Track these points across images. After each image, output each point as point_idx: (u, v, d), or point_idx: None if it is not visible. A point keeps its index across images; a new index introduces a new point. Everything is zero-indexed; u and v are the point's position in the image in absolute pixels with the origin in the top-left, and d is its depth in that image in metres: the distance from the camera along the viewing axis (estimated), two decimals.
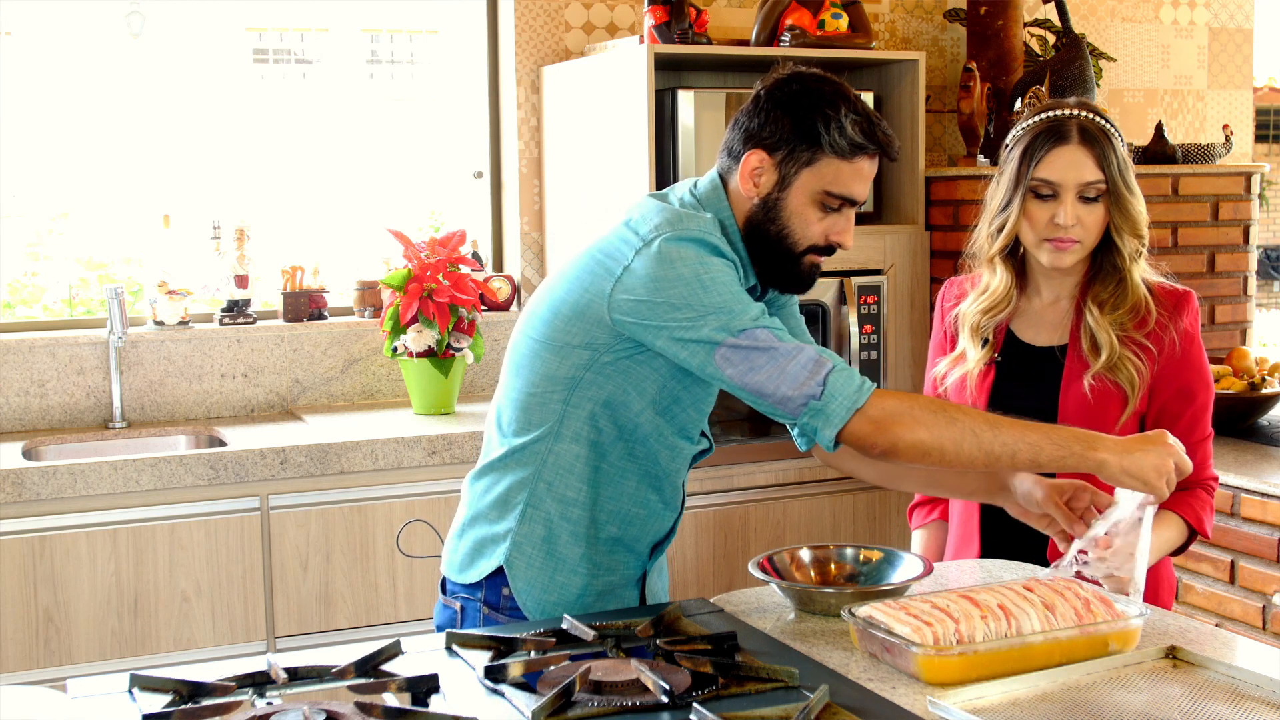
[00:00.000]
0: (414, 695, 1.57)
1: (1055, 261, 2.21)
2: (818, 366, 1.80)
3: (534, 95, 4.05)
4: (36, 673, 3.04)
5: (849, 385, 1.80)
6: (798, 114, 1.87)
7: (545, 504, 2.00)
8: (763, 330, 1.81)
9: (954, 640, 1.66)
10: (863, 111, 1.88)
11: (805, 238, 1.92)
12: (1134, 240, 2.21)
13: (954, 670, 1.64)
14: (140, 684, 1.60)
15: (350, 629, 3.31)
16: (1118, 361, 2.19)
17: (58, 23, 10.82)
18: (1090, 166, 2.17)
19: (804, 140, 1.87)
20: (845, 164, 1.87)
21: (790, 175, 1.89)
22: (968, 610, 1.70)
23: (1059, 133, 2.19)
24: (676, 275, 1.83)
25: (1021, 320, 2.31)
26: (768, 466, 3.63)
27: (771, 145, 1.89)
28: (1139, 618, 1.77)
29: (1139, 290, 2.22)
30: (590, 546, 2.01)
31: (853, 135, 1.86)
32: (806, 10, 3.78)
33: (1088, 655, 1.72)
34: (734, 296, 1.83)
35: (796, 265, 1.95)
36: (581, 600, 2.02)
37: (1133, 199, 2.20)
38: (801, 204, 1.90)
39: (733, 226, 1.94)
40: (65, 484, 3.06)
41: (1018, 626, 1.70)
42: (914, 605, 1.74)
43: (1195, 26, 4.89)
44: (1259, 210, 4.14)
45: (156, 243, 7.54)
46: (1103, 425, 2.18)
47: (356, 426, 3.52)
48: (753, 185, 1.91)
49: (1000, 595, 1.76)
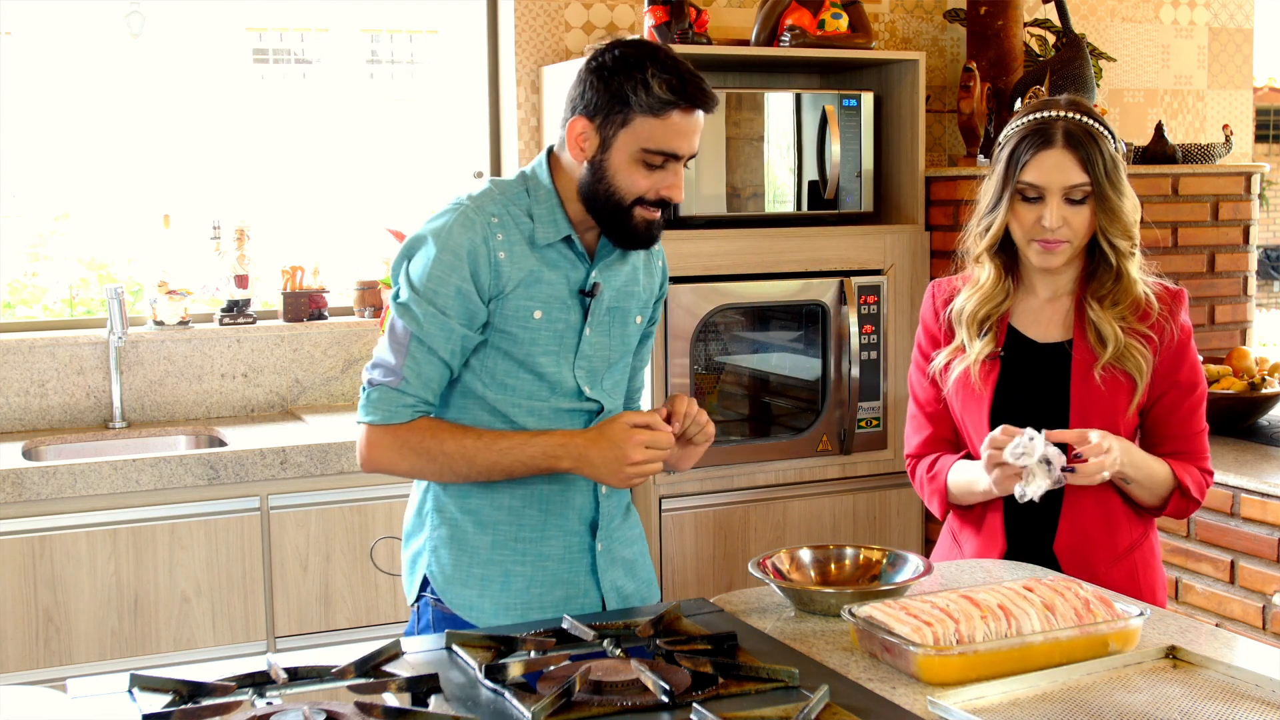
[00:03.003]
0: (414, 695, 1.57)
1: (1044, 262, 2.24)
2: (386, 372, 2.02)
3: (534, 95, 4.05)
4: (36, 673, 3.04)
5: (381, 403, 2.02)
6: (609, 79, 1.96)
7: (442, 499, 2.10)
8: (402, 325, 2.00)
9: (954, 640, 1.66)
10: (673, 70, 1.95)
11: (632, 193, 1.99)
12: (1124, 241, 2.23)
13: (954, 670, 1.64)
14: (140, 684, 1.60)
15: (350, 629, 3.31)
16: (1124, 351, 2.22)
17: (58, 23, 10.81)
18: (1075, 169, 2.19)
19: (615, 102, 1.95)
20: (658, 121, 1.94)
21: (610, 137, 1.97)
22: (968, 610, 1.71)
23: (1044, 136, 2.21)
24: (421, 230, 2.05)
25: (1023, 316, 2.32)
26: (768, 466, 3.63)
27: (590, 111, 1.98)
28: (1139, 618, 1.77)
29: (1136, 286, 2.25)
30: (498, 531, 2.07)
31: (659, 93, 1.93)
32: (806, 10, 3.78)
33: (1088, 655, 1.72)
34: (432, 277, 1.99)
35: (628, 219, 2.02)
36: (529, 594, 2.07)
37: (1120, 200, 2.20)
38: (624, 162, 1.98)
39: (548, 189, 2.04)
40: (65, 484, 3.06)
41: (1018, 626, 1.71)
42: (914, 605, 1.74)
43: (1195, 26, 4.89)
44: (1259, 210, 4.14)
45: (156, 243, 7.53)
46: (1113, 414, 2.22)
47: (356, 426, 3.51)
48: (579, 150, 2.00)
49: (1000, 595, 1.76)
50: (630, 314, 2.15)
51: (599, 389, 2.11)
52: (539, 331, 2.03)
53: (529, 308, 2.02)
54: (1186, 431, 2.28)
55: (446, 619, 2.08)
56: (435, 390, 2.03)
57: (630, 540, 2.21)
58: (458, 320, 2.00)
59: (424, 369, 2.00)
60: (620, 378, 2.18)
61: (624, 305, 2.13)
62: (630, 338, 2.16)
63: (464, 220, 2.00)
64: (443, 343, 2.00)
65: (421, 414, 2.02)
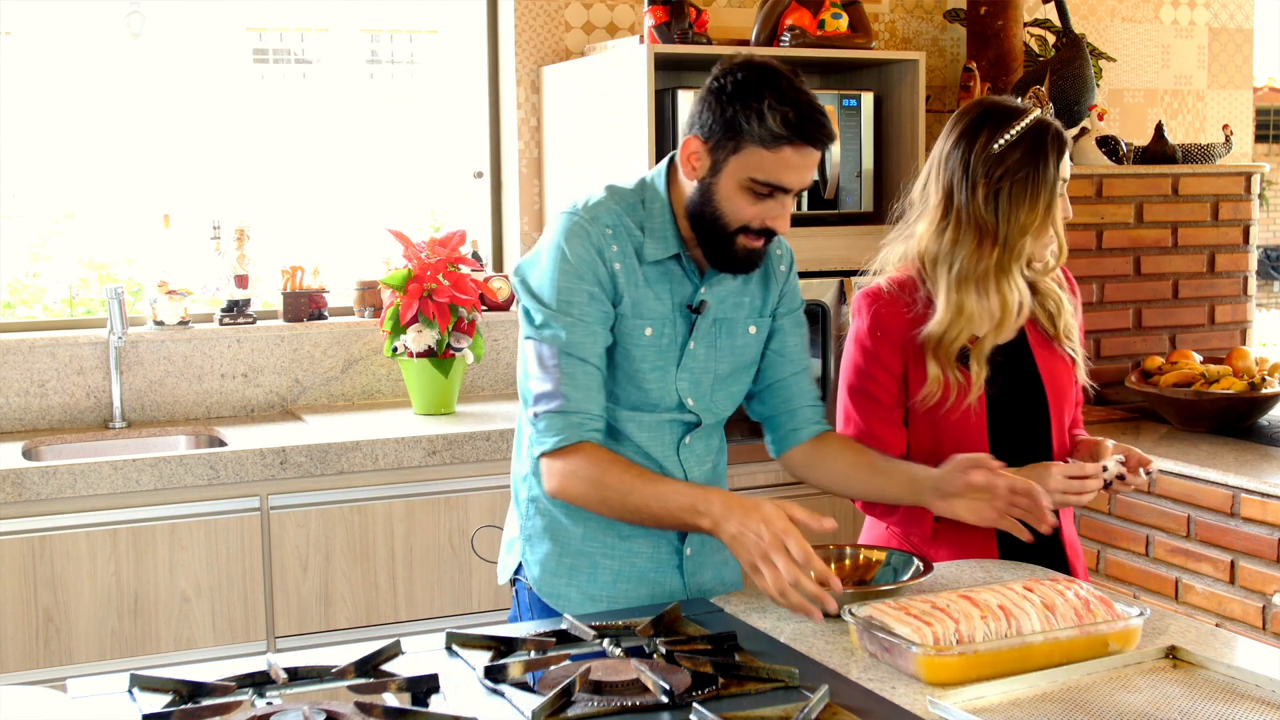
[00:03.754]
0: (414, 695, 1.57)
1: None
2: (546, 399, 1.97)
3: (534, 95, 4.05)
4: (36, 673, 3.04)
5: (550, 430, 1.96)
6: (726, 103, 1.92)
7: (536, 490, 2.10)
8: (545, 346, 1.98)
9: (954, 640, 1.66)
10: (792, 102, 1.90)
11: (737, 220, 1.97)
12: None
13: (954, 670, 1.64)
14: (140, 684, 1.60)
15: (350, 629, 3.31)
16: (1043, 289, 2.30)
17: (58, 23, 10.81)
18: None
19: (729, 128, 1.92)
20: (769, 153, 1.91)
21: (720, 162, 1.94)
22: (967, 610, 1.71)
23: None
24: (541, 245, 2.04)
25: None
26: (768, 466, 3.62)
27: (705, 132, 1.95)
28: (1139, 617, 1.77)
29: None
30: (589, 524, 2.07)
31: (773, 125, 1.89)
32: (806, 10, 3.77)
33: (1088, 655, 1.72)
34: (561, 289, 1.97)
35: (730, 245, 1.99)
36: (615, 588, 2.08)
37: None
38: (731, 189, 1.95)
39: (663, 203, 2.02)
40: (65, 484, 3.06)
41: (1018, 626, 1.71)
42: (914, 605, 1.74)
43: (1195, 26, 4.89)
44: (1259, 210, 4.14)
45: (157, 243, 7.53)
46: (1068, 387, 2.34)
47: (356, 426, 3.52)
48: (690, 168, 1.98)
49: (1000, 595, 1.76)
50: (740, 324, 2.11)
51: (705, 401, 2.09)
52: (648, 348, 2.02)
53: (640, 325, 2.01)
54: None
55: (541, 603, 2.10)
56: (599, 399, 1.98)
57: (721, 544, 2.20)
58: (597, 323, 1.98)
59: (581, 380, 1.96)
60: (738, 389, 2.14)
61: (732, 316, 2.09)
62: (743, 349, 2.12)
63: (579, 231, 1.99)
64: (591, 348, 1.97)
65: (593, 431, 1.97)
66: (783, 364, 2.18)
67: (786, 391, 2.19)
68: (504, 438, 3.41)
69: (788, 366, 2.18)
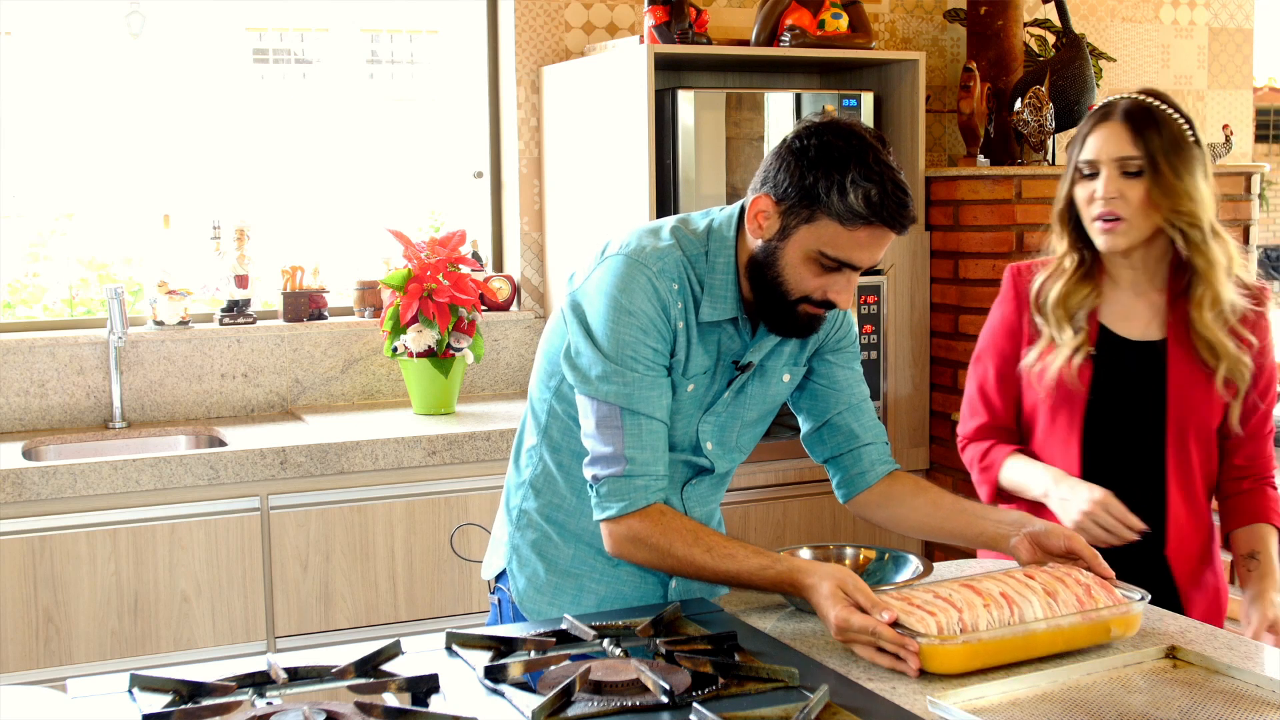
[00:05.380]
0: (414, 695, 1.57)
1: (1107, 244, 2.18)
2: (608, 463, 1.88)
3: (534, 95, 4.05)
4: (36, 673, 3.04)
5: (612, 496, 1.88)
6: (806, 169, 1.82)
7: (529, 503, 2.07)
8: (605, 405, 1.88)
9: (958, 629, 1.67)
10: (877, 180, 1.79)
11: (799, 290, 1.88)
12: (1192, 229, 2.15)
13: (958, 659, 1.64)
14: (140, 684, 1.60)
15: (350, 629, 3.31)
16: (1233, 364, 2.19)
17: (58, 23, 10.81)
18: (1127, 142, 2.15)
19: (805, 197, 1.82)
20: (844, 229, 1.81)
21: (790, 227, 1.84)
22: (970, 599, 1.71)
23: (1105, 113, 2.21)
24: (600, 289, 1.90)
25: (1111, 312, 2.26)
26: (768, 466, 3.63)
27: (779, 194, 1.84)
28: (1140, 602, 1.78)
29: (1218, 282, 2.17)
30: (579, 545, 2.04)
31: (854, 203, 1.79)
32: (806, 10, 3.77)
33: (1090, 641, 1.73)
34: (623, 343, 1.87)
35: (790, 313, 1.90)
36: (600, 611, 2.03)
37: (1180, 181, 2.13)
38: (797, 258, 1.85)
39: (728, 258, 1.93)
40: (65, 484, 3.06)
41: (1020, 614, 1.71)
42: (917, 595, 1.74)
43: (1195, 26, 4.89)
44: (1259, 210, 4.14)
45: (157, 243, 7.54)
46: (1207, 423, 2.21)
47: (356, 426, 3.52)
48: (758, 226, 1.88)
49: (1002, 583, 1.76)
50: (775, 372, 2.03)
51: (723, 446, 2.03)
52: (685, 401, 1.96)
53: (684, 383, 1.94)
54: (1260, 434, 2.25)
55: (523, 618, 2.06)
56: (663, 457, 1.90)
57: None
58: (661, 377, 1.89)
59: (645, 439, 1.88)
60: (758, 432, 2.09)
61: (770, 364, 2.02)
62: (773, 396, 2.04)
63: (645, 285, 1.88)
64: (656, 403, 1.88)
65: (657, 496, 1.88)
66: (836, 398, 2.09)
67: (846, 429, 2.10)
68: (504, 438, 3.41)
69: (841, 401, 2.09)
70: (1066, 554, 1.89)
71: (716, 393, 1.99)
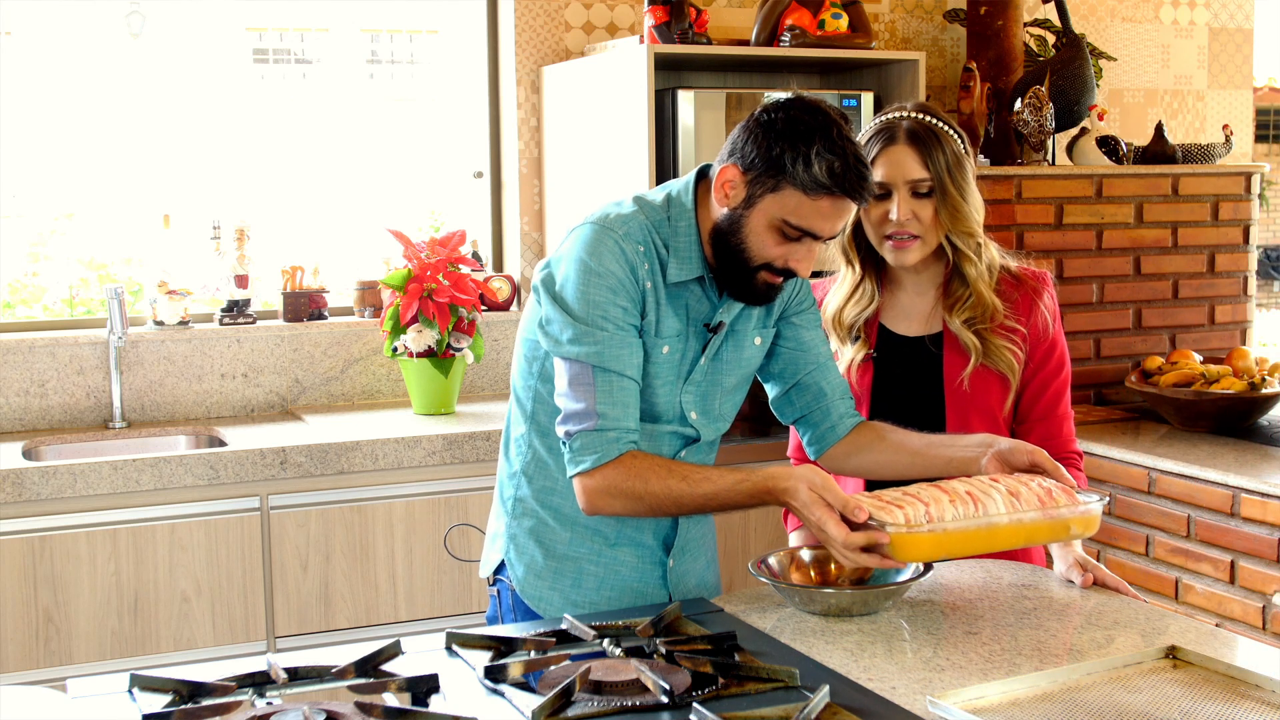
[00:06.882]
0: (414, 695, 1.57)
1: (898, 260, 2.29)
2: (580, 419, 1.92)
3: (534, 95, 4.05)
4: (36, 673, 3.04)
5: (585, 450, 1.92)
6: (773, 140, 1.89)
7: (524, 490, 2.10)
8: (577, 364, 1.93)
9: (924, 520, 1.77)
10: (840, 152, 1.87)
11: (760, 257, 1.95)
12: (967, 239, 2.27)
13: (925, 548, 1.76)
14: (140, 684, 1.60)
15: (350, 629, 3.31)
16: (993, 351, 2.28)
17: (58, 23, 10.81)
18: (916, 165, 2.24)
19: (771, 167, 1.89)
20: (808, 199, 1.88)
21: (755, 196, 1.92)
22: (936, 495, 1.82)
23: (889, 134, 2.26)
24: (568, 256, 1.97)
25: (892, 313, 2.38)
26: (764, 461, 3.62)
27: (745, 164, 1.92)
28: (1098, 503, 1.89)
29: (979, 284, 2.28)
30: (576, 529, 2.06)
31: (818, 174, 1.86)
32: (806, 10, 3.77)
33: (1051, 538, 1.88)
34: (593, 303, 1.92)
35: (749, 279, 1.98)
36: (599, 594, 2.07)
37: (963, 198, 2.25)
38: (761, 226, 1.92)
39: (689, 221, 2.00)
40: (65, 484, 3.06)
41: (984, 510, 1.81)
42: (887, 493, 1.85)
43: (1195, 26, 4.89)
44: (1259, 210, 4.15)
45: (156, 243, 7.54)
46: (991, 413, 2.29)
47: (356, 426, 3.52)
48: (724, 195, 1.95)
49: (968, 484, 1.87)
50: (746, 336, 2.10)
51: (707, 416, 2.08)
52: (662, 365, 2.01)
53: (658, 344, 1.99)
54: (1052, 414, 2.32)
55: (524, 606, 2.09)
56: (634, 413, 1.95)
57: (703, 548, 2.20)
58: (632, 336, 1.95)
59: (616, 395, 1.92)
60: (740, 397, 2.14)
61: (740, 328, 2.09)
62: (748, 360, 2.12)
63: (612, 246, 1.94)
64: (627, 360, 1.94)
65: (628, 446, 1.93)
66: (803, 359, 2.17)
67: (815, 387, 2.18)
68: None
69: (809, 361, 2.17)
70: (1030, 468, 1.98)
71: (693, 359, 2.05)
